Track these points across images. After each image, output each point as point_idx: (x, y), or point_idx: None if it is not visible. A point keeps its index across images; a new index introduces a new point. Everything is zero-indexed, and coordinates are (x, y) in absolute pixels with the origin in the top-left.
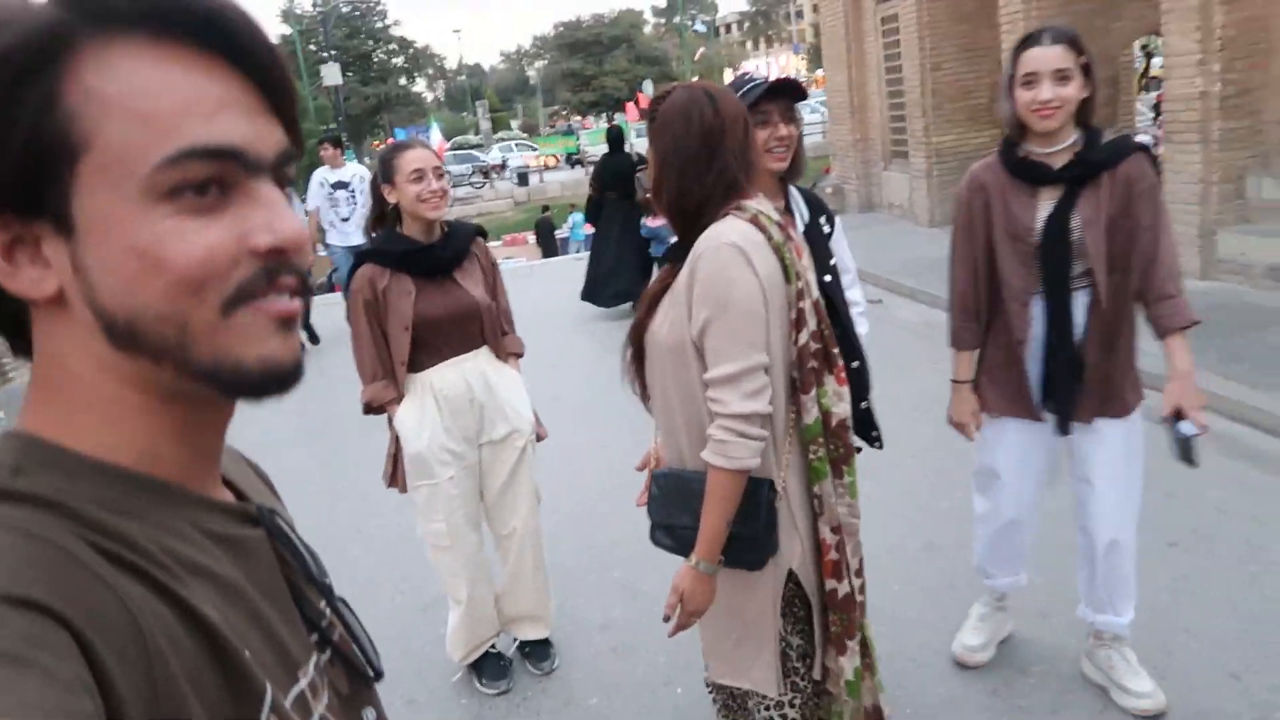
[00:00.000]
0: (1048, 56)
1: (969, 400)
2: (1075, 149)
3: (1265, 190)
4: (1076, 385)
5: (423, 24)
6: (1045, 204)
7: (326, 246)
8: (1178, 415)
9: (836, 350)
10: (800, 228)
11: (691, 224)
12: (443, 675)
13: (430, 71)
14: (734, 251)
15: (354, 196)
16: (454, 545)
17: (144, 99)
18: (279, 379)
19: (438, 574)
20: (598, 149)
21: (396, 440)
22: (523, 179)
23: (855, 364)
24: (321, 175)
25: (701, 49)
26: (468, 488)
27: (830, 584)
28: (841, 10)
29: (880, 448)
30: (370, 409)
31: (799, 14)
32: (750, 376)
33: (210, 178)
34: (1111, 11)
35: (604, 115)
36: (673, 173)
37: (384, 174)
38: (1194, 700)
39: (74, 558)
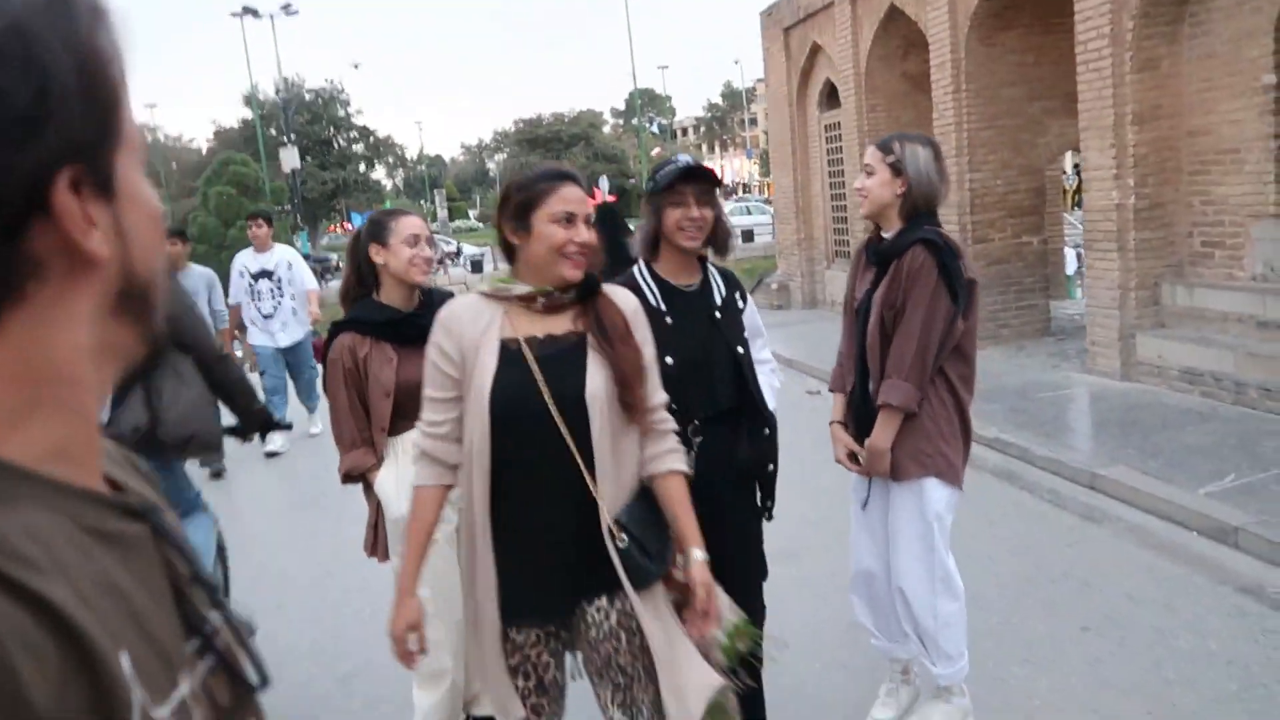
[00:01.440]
0: (865, 154)
1: (838, 437)
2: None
3: (1179, 297)
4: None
5: (385, 114)
6: (869, 283)
7: (241, 344)
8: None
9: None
10: (718, 300)
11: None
12: None
13: (390, 160)
14: None
15: (279, 288)
16: (438, 614)
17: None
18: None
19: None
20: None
21: (378, 507)
22: (476, 266)
23: (766, 431)
24: (242, 262)
25: (658, 149)
26: (451, 555)
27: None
28: (788, 117)
29: (769, 519)
30: (349, 478)
31: (753, 121)
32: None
33: None
34: (1037, 128)
35: None
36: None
37: (376, 235)
38: None
39: None
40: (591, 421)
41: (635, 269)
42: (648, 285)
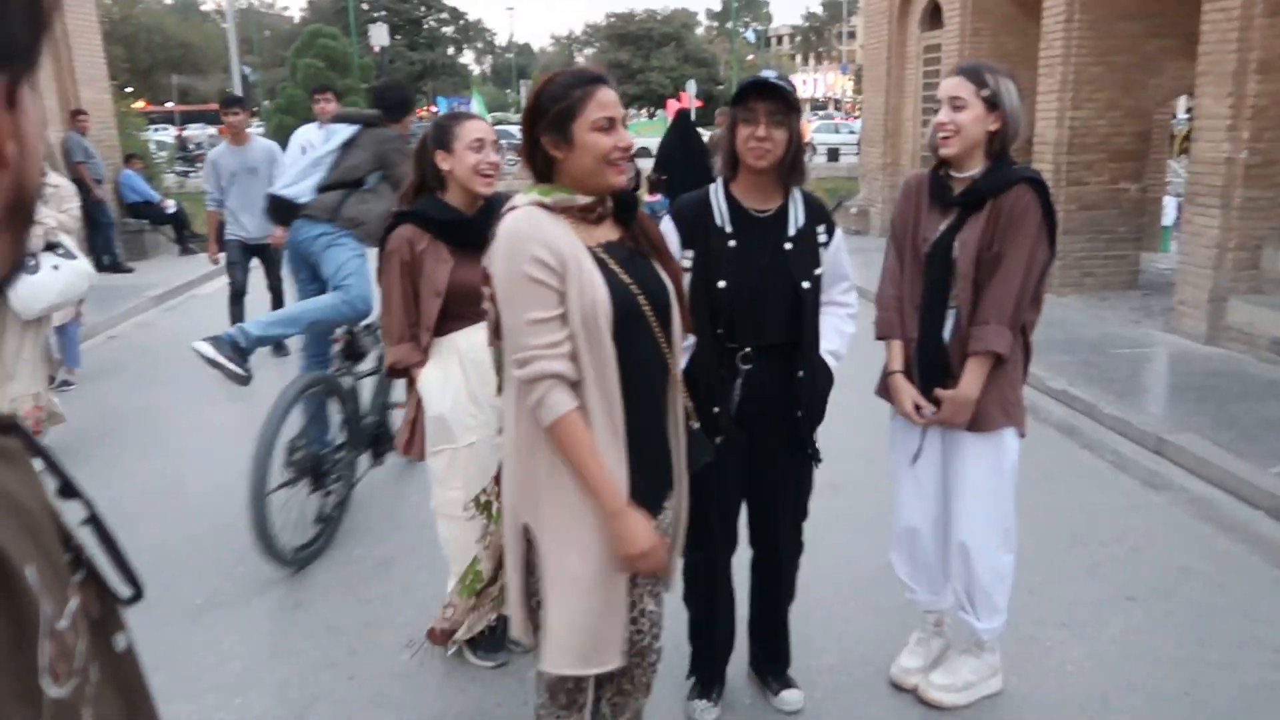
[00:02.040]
0: (949, 84)
1: (902, 388)
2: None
3: None
4: (939, 389)
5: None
6: (944, 224)
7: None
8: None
9: None
10: (792, 230)
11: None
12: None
13: (479, 45)
14: None
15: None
16: (472, 519)
17: None
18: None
19: (446, 549)
20: (635, 140)
21: (418, 404)
22: None
23: (801, 374)
24: (305, 137)
25: (751, 56)
26: (488, 460)
27: None
28: (885, 34)
29: (816, 463)
30: (394, 371)
31: (851, 34)
32: None
33: None
34: (1151, 67)
35: (645, 109)
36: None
37: (441, 140)
38: None
39: None
40: (674, 320)
41: (711, 186)
42: (718, 205)
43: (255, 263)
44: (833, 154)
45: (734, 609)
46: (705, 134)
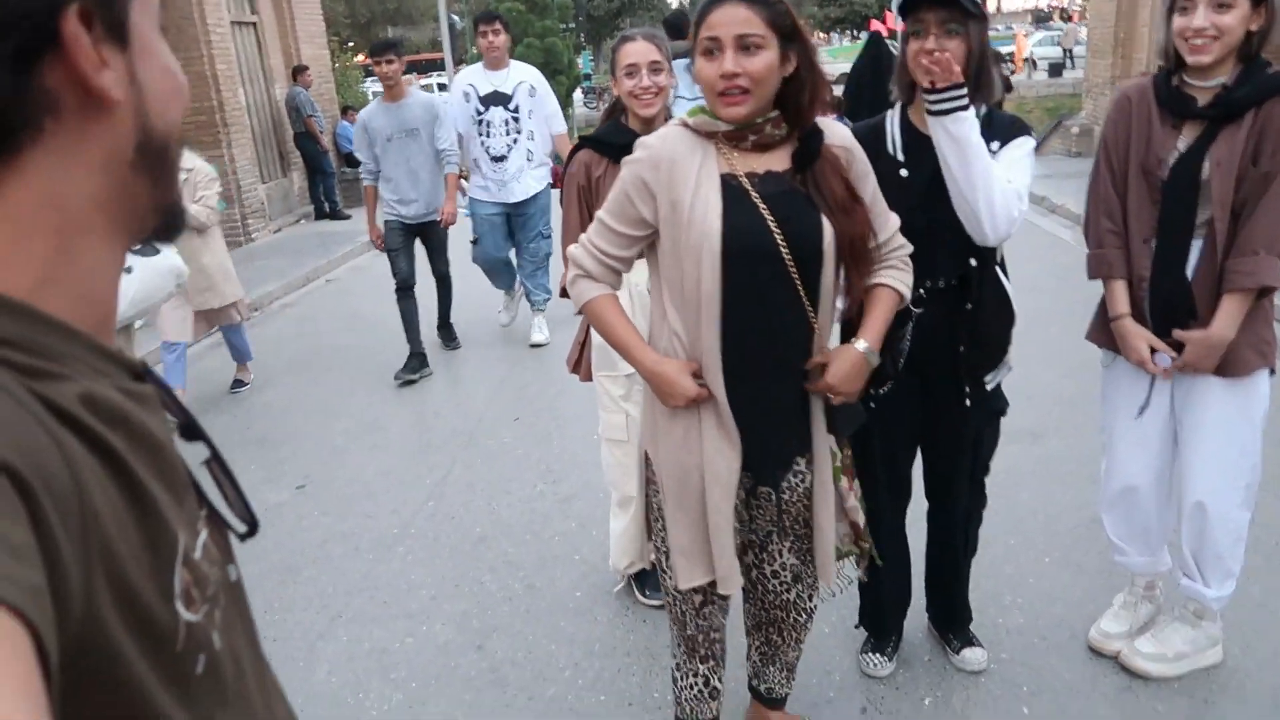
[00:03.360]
0: None
1: (1134, 333)
2: (1228, 83)
3: None
4: (1180, 331)
5: None
6: (1184, 140)
7: (467, 200)
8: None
9: None
10: None
11: (820, 110)
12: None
13: None
14: None
15: (515, 120)
16: (632, 440)
17: None
18: (182, 226)
19: (608, 474)
20: (834, 66)
21: (587, 328)
22: None
23: (968, 305)
24: (468, 81)
25: None
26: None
27: None
28: None
29: (996, 411)
30: (565, 293)
31: None
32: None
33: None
34: None
35: (848, 32)
36: (814, 55)
37: (612, 66)
38: None
39: (20, 403)
40: (824, 269)
41: (889, 111)
42: (892, 133)
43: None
44: (1055, 69)
45: (907, 562)
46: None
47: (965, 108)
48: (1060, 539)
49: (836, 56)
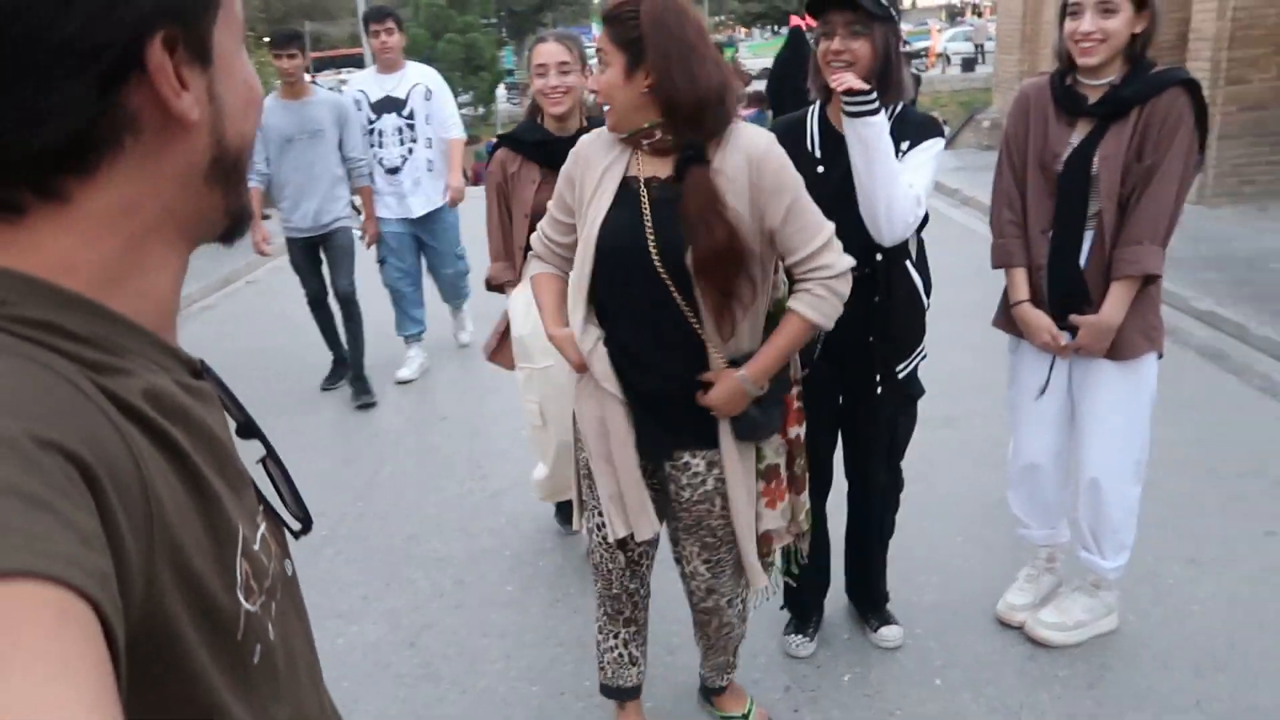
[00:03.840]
0: None
1: (1033, 318)
2: (1115, 83)
3: None
4: (1075, 316)
5: None
6: (1077, 136)
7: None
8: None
9: None
10: None
11: (713, 117)
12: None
13: None
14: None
15: (411, 127)
16: (546, 426)
17: None
18: (246, 228)
19: (528, 445)
20: (756, 61)
21: (507, 320)
22: None
23: (876, 299)
24: (359, 86)
25: None
26: (567, 383)
27: (794, 430)
28: None
29: (902, 396)
30: (490, 286)
31: None
32: (835, 239)
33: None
34: None
35: (769, 28)
36: (680, 67)
37: (528, 64)
38: (1248, 695)
39: (87, 397)
40: (695, 283)
41: (811, 108)
42: (811, 129)
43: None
44: (968, 64)
45: (827, 545)
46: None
47: (875, 112)
48: (971, 519)
49: (758, 52)
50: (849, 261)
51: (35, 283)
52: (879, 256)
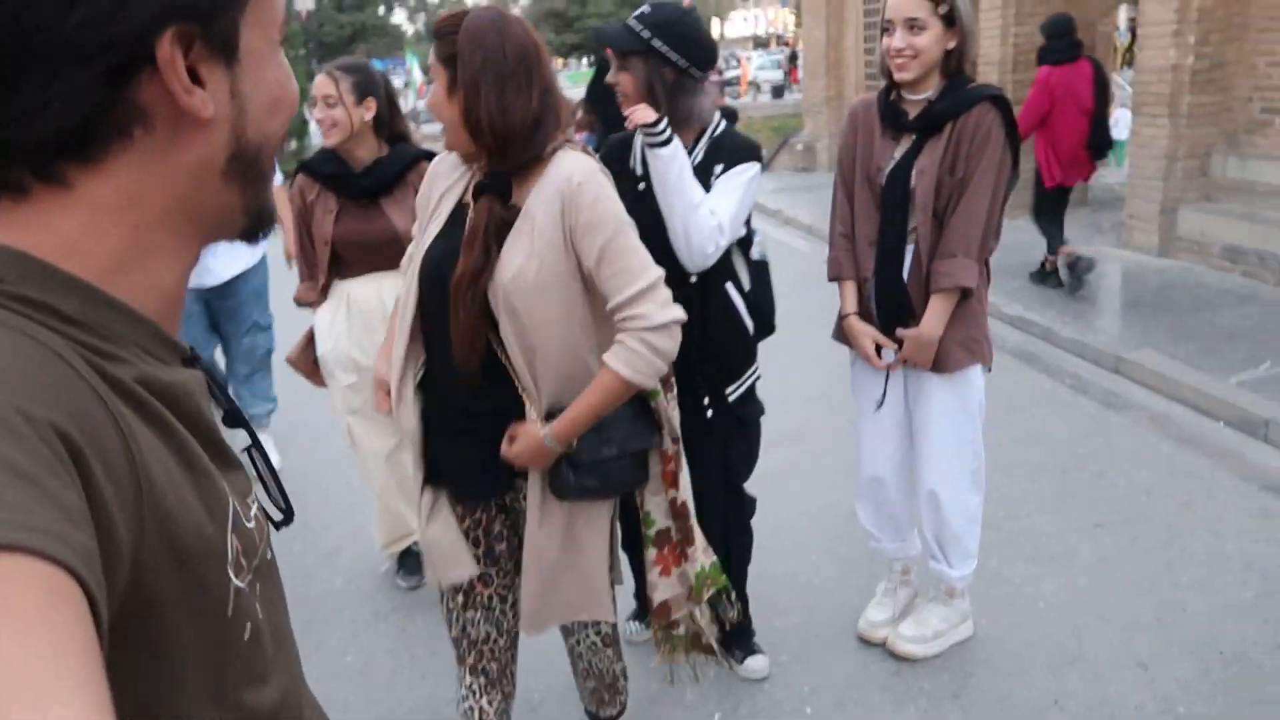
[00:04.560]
0: (902, 3)
1: (859, 330)
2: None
3: (1230, 169)
4: (901, 329)
5: None
6: (899, 151)
7: None
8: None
9: None
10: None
11: (518, 148)
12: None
13: (411, 3)
14: (606, 175)
15: None
16: (359, 445)
17: None
18: (269, 228)
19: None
20: (575, 90)
21: (310, 332)
22: None
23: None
24: None
25: None
26: (365, 402)
27: (672, 494)
28: None
29: (729, 422)
30: (299, 303)
31: None
32: (660, 286)
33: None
34: None
35: (585, 58)
36: (490, 90)
37: None
38: (1097, 689)
39: (78, 373)
40: (498, 315)
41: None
42: (636, 147)
43: None
44: (778, 91)
45: None
46: None
47: (665, 143)
48: (827, 536)
49: (576, 81)
50: (673, 314)
51: (35, 263)
52: (693, 279)
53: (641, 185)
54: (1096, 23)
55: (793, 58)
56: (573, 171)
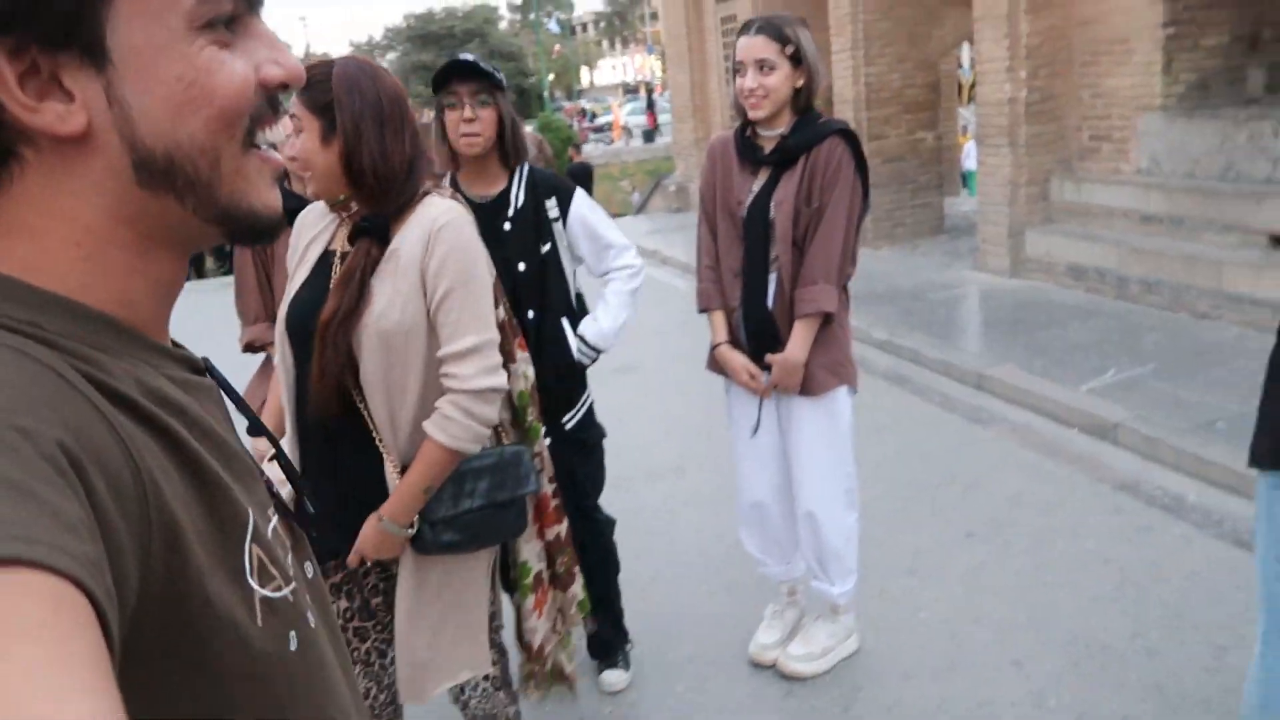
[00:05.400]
0: (751, 46)
1: (731, 358)
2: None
3: (1067, 193)
4: (770, 355)
5: (267, 9)
6: (758, 184)
7: None
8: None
9: (515, 321)
10: (510, 212)
11: (398, 191)
12: None
13: None
14: (471, 225)
15: None
16: None
17: None
18: (271, 227)
19: None
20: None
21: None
22: None
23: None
24: None
25: (557, 46)
26: None
27: (554, 530)
28: (683, 10)
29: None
30: (251, 348)
31: (654, 16)
32: (489, 350)
33: (234, 12)
34: (933, 19)
35: None
36: (371, 134)
37: None
38: (977, 691)
39: (72, 386)
40: (360, 358)
41: (444, 180)
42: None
43: None
44: (649, 135)
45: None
46: (528, 127)
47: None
48: (715, 563)
49: None
50: (491, 382)
51: (16, 282)
52: (530, 314)
53: (507, 225)
54: (940, 61)
55: (650, 103)
56: (438, 215)
